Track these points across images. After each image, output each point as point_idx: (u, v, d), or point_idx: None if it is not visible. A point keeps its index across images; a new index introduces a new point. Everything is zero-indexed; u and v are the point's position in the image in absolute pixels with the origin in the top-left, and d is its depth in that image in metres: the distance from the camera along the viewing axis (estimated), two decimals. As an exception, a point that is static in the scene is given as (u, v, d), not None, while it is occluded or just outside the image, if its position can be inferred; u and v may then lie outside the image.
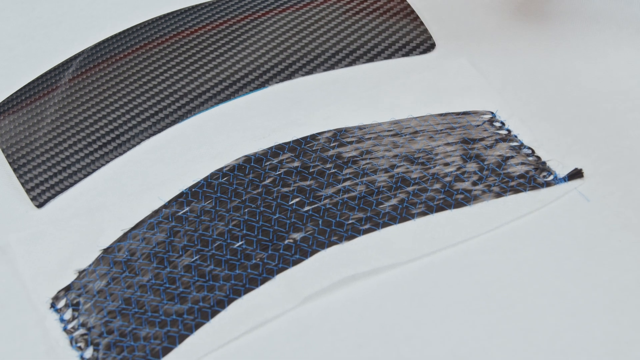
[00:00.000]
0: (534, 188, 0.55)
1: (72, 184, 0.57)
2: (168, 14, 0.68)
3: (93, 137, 0.60)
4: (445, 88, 0.61)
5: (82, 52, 0.66)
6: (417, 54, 0.64)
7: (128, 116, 0.61)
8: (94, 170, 0.58)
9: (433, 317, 0.49)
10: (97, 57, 0.66)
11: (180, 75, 0.64)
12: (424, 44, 0.65)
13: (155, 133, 0.60)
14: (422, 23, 0.66)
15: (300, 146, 0.57)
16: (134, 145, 0.59)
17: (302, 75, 0.63)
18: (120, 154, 0.59)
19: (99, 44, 0.67)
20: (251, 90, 0.62)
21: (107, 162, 0.59)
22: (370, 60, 0.64)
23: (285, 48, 0.65)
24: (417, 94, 0.61)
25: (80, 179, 0.58)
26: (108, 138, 0.60)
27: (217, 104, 0.62)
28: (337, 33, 0.66)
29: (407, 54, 0.64)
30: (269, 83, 0.63)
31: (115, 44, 0.67)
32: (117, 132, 0.60)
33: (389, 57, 0.64)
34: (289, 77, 0.63)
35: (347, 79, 0.63)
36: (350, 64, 0.64)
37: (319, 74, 0.63)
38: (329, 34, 0.66)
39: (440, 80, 0.62)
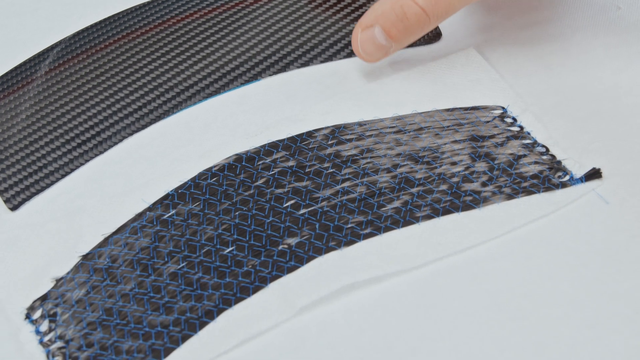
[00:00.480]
0: (548, 189, 0.55)
1: (48, 185, 0.58)
2: (152, 1, 0.69)
3: (71, 134, 0.60)
4: (453, 81, 0.61)
5: (60, 42, 0.66)
6: (421, 44, 0.64)
7: (109, 111, 0.61)
8: (72, 170, 0.58)
9: (439, 328, 0.49)
10: (76, 47, 0.66)
11: (166, 67, 0.64)
12: (429, 33, 0.65)
13: (138, 130, 0.60)
14: (427, 10, 0.67)
15: (295, 144, 0.57)
16: (115, 143, 0.60)
17: (298, 67, 0.63)
18: (101, 153, 0.59)
19: (78, 33, 0.67)
20: (242, 84, 0.63)
21: (87, 161, 0.59)
22: (372, 50, 0.64)
23: (279, 37, 0.65)
24: (421, 87, 0.61)
25: (58, 180, 0.58)
26: (88, 135, 0.60)
27: (205, 98, 0.62)
28: (336, 21, 0.66)
29: (410, 44, 0.64)
30: (262, 75, 0.63)
31: (96, 33, 0.67)
32: (97, 129, 0.60)
33: (392, 47, 0.64)
34: (284, 69, 0.63)
35: (347, 71, 0.63)
36: (349, 55, 0.64)
37: (316, 66, 0.63)
38: (327, 22, 0.66)
39: (446, 72, 0.62)
